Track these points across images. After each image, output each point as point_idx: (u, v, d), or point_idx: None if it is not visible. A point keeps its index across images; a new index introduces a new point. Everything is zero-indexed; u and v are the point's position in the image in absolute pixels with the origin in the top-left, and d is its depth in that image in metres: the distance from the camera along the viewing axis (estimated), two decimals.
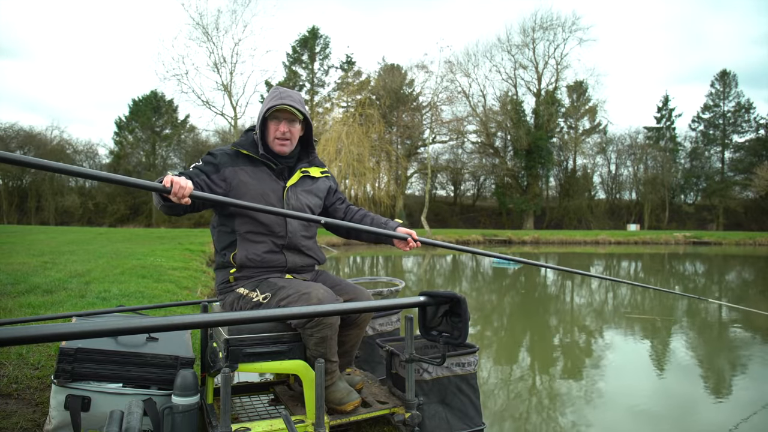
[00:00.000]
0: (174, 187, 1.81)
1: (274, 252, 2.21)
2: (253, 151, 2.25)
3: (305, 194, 2.34)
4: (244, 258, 2.18)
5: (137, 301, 4.85)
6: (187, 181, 1.85)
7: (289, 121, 2.23)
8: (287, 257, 2.24)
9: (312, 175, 2.40)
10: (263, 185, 2.22)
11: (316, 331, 2.00)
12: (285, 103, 2.18)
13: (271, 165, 2.26)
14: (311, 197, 2.36)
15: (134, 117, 41.11)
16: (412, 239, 2.33)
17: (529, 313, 7.65)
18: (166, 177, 1.85)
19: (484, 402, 3.18)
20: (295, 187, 2.31)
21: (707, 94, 44.99)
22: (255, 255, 2.18)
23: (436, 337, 2.12)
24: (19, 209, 38.01)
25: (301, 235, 2.28)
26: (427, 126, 37.60)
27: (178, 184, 1.81)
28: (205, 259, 10.99)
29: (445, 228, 35.47)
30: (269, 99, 2.24)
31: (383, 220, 2.45)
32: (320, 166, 2.47)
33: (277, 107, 2.19)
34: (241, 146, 2.27)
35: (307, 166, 2.39)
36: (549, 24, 38.66)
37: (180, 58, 42.31)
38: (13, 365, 2.87)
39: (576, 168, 43.85)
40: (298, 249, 2.27)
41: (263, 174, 2.25)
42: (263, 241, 2.20)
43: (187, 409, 1.95)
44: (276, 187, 2.25)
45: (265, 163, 2.26)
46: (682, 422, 3.36)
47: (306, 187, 2.35)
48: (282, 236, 2.22)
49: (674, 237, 29.90)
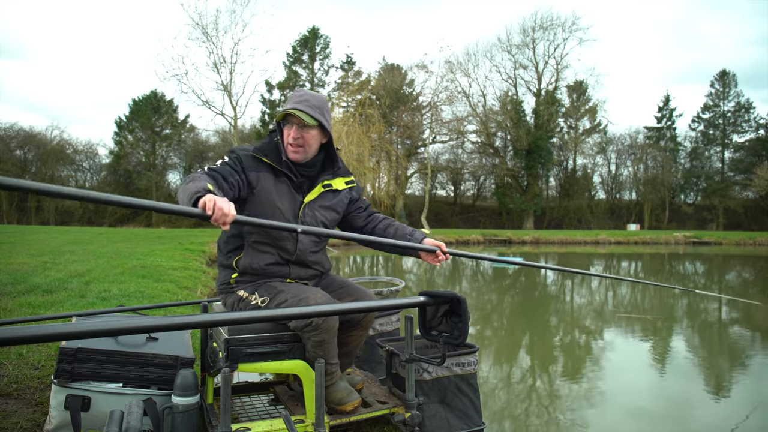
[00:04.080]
0: (216, 213, 1.56)
1: (280, 264, 2.17)
2: (275, 159, 2.12)
3: (323, 210, 2.21)
4: (247, 265, 2.14)
5: (137, 301, 4.85)
6: (230, 206, 1.60)
7: (300, 126, 2.08)
8: (291, 270, 2.19)
9: (335, 188, 2.24)
10: (281, 198, 2.11)
11: (313, 335, 1.99)
12: (295, 107, 2.06)
13: (292, 177, 2.14)
14: (329, 213, 2.23)
15: (134, 117, 41.09)
16: (441, 252, 2.14)
17: (529, 313, 7.65)
18: (206, 198, 1.58)
19: (484, 402, 3.18)
20: (313, 203, 2.19)
21: (707, 94, 45.05)
22: (259, 265, 2.13)
23: (436, 337, 2.12)
24: (19, 209, 37.99)
25: (310, 251, 2.21)
26: (427, 126, 37.63)
27: (221, 210, 1.56)
28: (205, 259, 10.98)
29: (445, 228, 35.45)
30: (287, 102, 2.13)
31: (408, 230, 2.27)
32: (346, 176, 2.30)
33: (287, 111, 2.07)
34: (263, 153, 2.12)
35: (330, 178, 2.23)
36: (549, 24, 38.69)
37: (180, 58, 42.44)
38: (13, 365, 2.87)
39: (576, 168, 43.87)
40: (305, 263, 2.22)
41: (283, 186, 2.13)
42: (270, 253, 2.14)
43: (187, 409, 1.95)
44: (293, 202, 2.14)
45: (286, 174, 2.13)
46: (681, 422, 3.36)
47: (325, 203, 2.22)
48: (290, 252, 2.16)
49: (674, 237, 29.89)
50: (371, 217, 2.36)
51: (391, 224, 2.32)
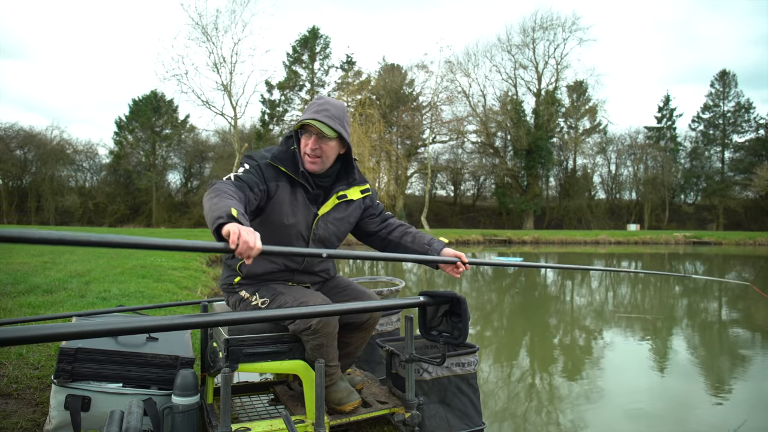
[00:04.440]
0: (240, 247, 1.45)
1: (284, 271, 2.15)
2: (292, 169, 2.05)
3: (336, 223, 2.16)
4: (251, 270, 2.12)
5: (137, 301, 4.85)
6: (256, 237, 1.49)
7: (319, 137, 2.01)
8: (296, 277, 2.18)
9: (349, 199, 2.18)
10: (296, 210, 2.06)
11: (312, 339, 1.99)
12: (315, 118, 1.98)
13: (308, 188, 2.09)
14: (342, 225, 2.19)
15: (134, 117, 41.09)
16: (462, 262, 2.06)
17: (529, 313, 7.65)
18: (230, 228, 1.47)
19: (484, 402, 3.18)
20: (327, 215, 2.13)
21: (707, 94, 45.08)
22: (263, 271, 2.12)
23: (436, 337, 2.12)
24: (19, 209, 38.00)
25: (318, 262, 2.19)
26: (427, 126, 37.64)
27: (246, 243, 1.45)
28: (205, 259, 10.98)
29: (445, 228, 35.46)
30: (306, 110, 2.06)
31: (427, 238, 2.19)
32: (361, 185, 2.22)
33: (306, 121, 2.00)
34: (281, 162, 2.05)
35: (344, 188, 2.16)
36: (549, 24, 38.73)
37: (180, 58, 42.24)
38: (13, 365, 2.87)
39: (576, 168, 43.89)
40: (311, 272, 2.21)
41: (299, 196, 2.07)
42: (276, 263, 2.12)
43: (187, 409, 1.95)
44: (307, 214, 2.09)
45: (302, 184, 2.08)
46: (681, 422, 3.36)
47: (339, 215, 2.16)
48: (299, 262, 2.14)
49: (674, 237, 29.90)
50: (386, 223, 2.29)
51: (408, 231, 2.24)
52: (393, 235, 2.24)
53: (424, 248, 2.15)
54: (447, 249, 2.13)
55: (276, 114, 39.62)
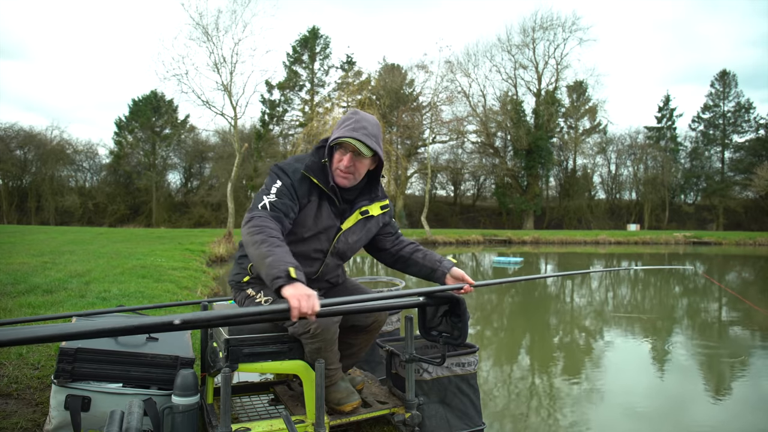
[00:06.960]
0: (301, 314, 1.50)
1: None
2: (323, 182, 2.05)
3: (356, 237, 2.16)
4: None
5: (137, 301, 4.86)
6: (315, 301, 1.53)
7: (355, 155, 2.01)
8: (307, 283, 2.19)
9: (371, 214, 2.19)
10: (322, 222, 2.07)
11: (310, 342, 1.99)
12: (353, 136, 1.97)
13: (335, 202, 2.09)
14: (361, 240, 2.20)
15: (134, 117, 41.08)
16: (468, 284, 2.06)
17: (528, 313, 7.65)
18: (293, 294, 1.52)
19: (484, 402, 3.18)
20: (349, 230, 2.14)
21: (707, 94, 45.01)
22: None
23: (436, 337, 2.12)
24: (19, 209, 38.01)
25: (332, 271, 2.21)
26: (427, 126, 37.57)
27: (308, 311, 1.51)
28: (205, 259, 10.99)
29: (445, 228, 35.45)
30: (340, 126, 2.03)
31: (437, 257, 2.20)
32: (382, 200, 2.24)
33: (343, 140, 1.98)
34: (313, 173, 2.05)
35: (367, 204, 2.18)
36: (549, 24, 38.70)
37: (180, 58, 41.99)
38: (13, 365, 2.87)
39: (576, 168, 43.86)
40: (323, 280, 2.21)
41: (325, 210, 2.07)
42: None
43: (187, 409, 1.95)
44: (331, 227, 2.10)
45: (330, 197, 2.08)
46: (681, 422, 3.36)
47: (360, 230, 2.17)
48: (313, 272, 2.14)
49: (674, 237, 29.89)
50: (398, 240, 2.31)
51: (418, 248, 2.27)
52: (404, 251, 2.27)
53: (435, 264, 2.17)
54: (455, 269, 2.14)
55: (276, 114, 39.61)
